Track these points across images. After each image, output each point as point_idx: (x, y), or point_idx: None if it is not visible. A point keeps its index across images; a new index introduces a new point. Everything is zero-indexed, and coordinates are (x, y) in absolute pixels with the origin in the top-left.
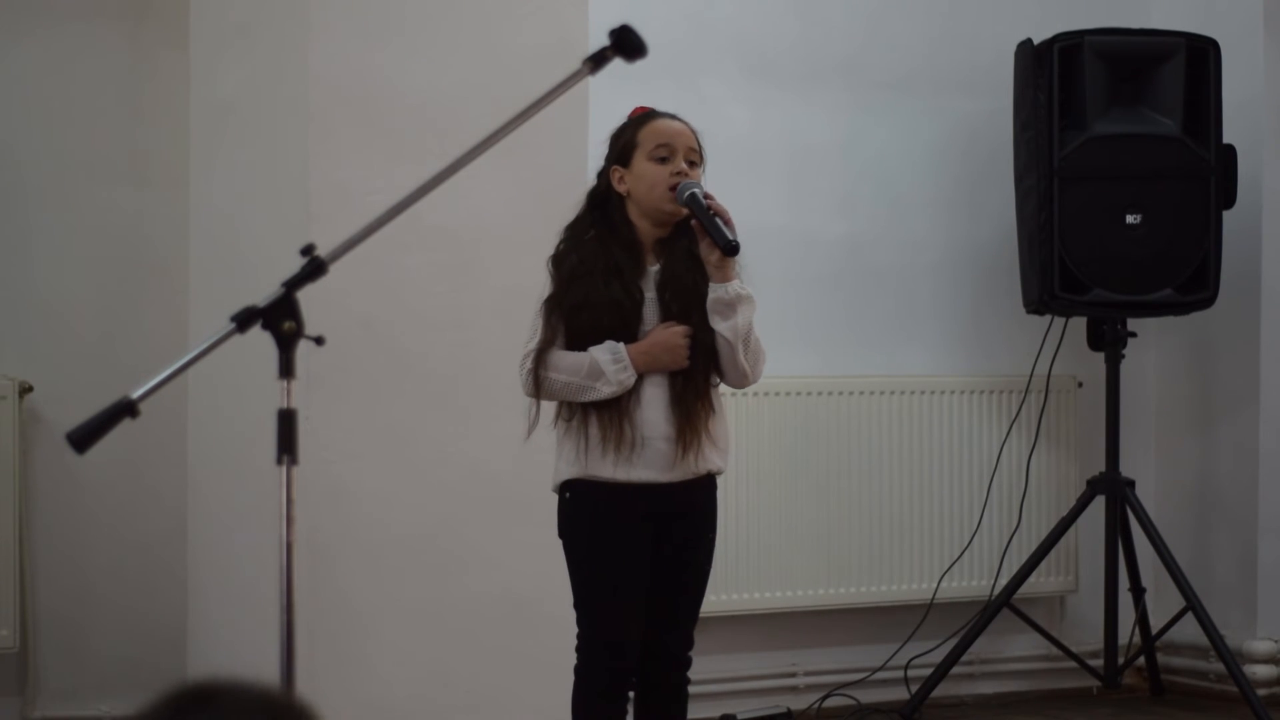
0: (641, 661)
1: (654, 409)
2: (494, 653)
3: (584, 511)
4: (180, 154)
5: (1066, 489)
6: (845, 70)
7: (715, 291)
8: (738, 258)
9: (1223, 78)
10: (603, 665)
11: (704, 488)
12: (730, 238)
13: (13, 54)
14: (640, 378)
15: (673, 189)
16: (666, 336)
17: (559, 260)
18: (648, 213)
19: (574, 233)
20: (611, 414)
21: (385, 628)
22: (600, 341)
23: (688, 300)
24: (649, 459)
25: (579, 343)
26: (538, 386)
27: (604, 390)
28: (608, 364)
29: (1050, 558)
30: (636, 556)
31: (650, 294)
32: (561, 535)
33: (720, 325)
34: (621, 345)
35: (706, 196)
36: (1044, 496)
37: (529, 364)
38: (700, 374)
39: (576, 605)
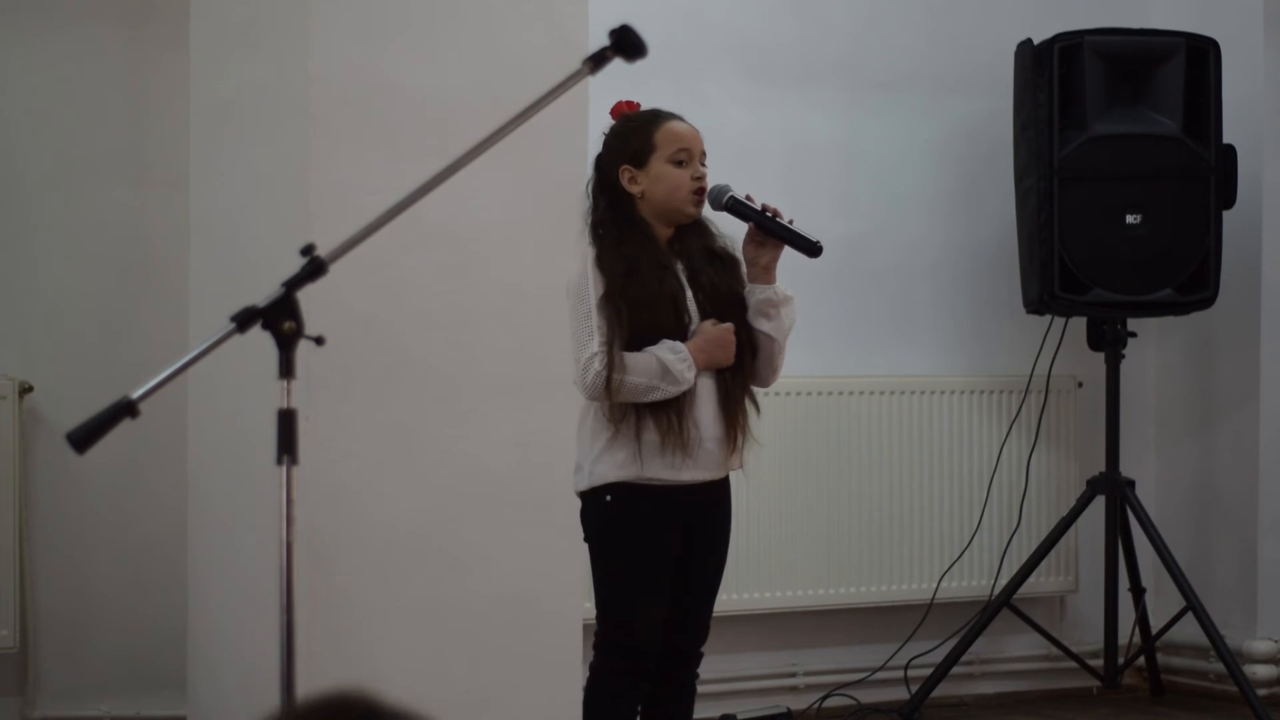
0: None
1: (705, 409)
2: (494, 652)
3: (628, 514)
4: (180, 154)
5: (1066, 489)
6: (844, 70)
7: (764, 293)
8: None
9: (1223, 78)
10: (626, 665)
11: (727, 484)
12: (815, 239)
13: (14, 54)
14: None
15: (695, 193)
16: (719, 333)
17: (605, 260)
18: (663, 214)
19: (604, 231)
20: (670, 415)
21: (385, 627)
22: (656, 339)
23: (723, 300)
24: (702, 459)
25: (635, 341)
26: (610, 389)
27: (670, 390)
28: (674, 363)
29: (1050, 558)
30: (669, 558)
31: (686, 292)
32: (593, 536)
33: (765, 325)
34: (680, 344)
35: (748, 198)
36: (1044, 496)
37: (597, 366)
38: (746, 372)
39: (602, 604)
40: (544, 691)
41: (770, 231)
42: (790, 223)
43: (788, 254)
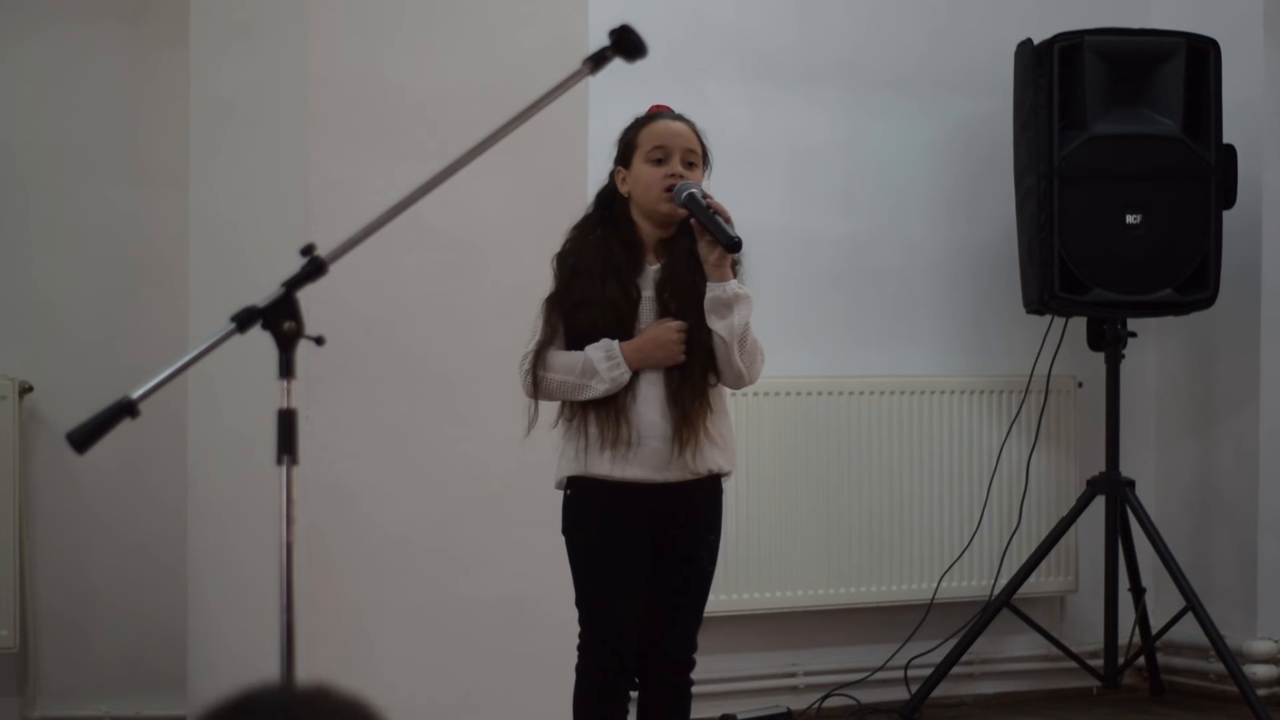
0: (643, 663)
1: (650, 407)
2: (493, 653)
3: (583, 508)
4: (180, 154)
5: (1066, 489)
6: (845, 70)
7: (713, 290)
8: (740, 258)
9: (1223, 78)
10: (600, 663)
11: (705, 489)
12: (732, 234)
13: (13, 54)
14: (637, 375)
15: (667, 190)
16: (660, 332)
17: (562, 259)
18: (646, 214)
19: (580, 231)
20: (609, 412)
21: (385, 628)
22: (597, 340)
23: (686, 299)
24: (645, 457)
25: (577, 342)
26: (536, 386)
27: (598, 388)
28: (600, 361)
29: (1050, 558)
30: (633, 554)
31: (649, 293)
32: (563, 532)
33: (716, 324)
34: (615, 342)
35: (705, 196)
36: (1044, 496)
37: (527, 364)
38: (698, 372)
39: (577, 602)
40: (543, 692)
41: (699, 222)
42: (728, 221)
43: (790, 257)
